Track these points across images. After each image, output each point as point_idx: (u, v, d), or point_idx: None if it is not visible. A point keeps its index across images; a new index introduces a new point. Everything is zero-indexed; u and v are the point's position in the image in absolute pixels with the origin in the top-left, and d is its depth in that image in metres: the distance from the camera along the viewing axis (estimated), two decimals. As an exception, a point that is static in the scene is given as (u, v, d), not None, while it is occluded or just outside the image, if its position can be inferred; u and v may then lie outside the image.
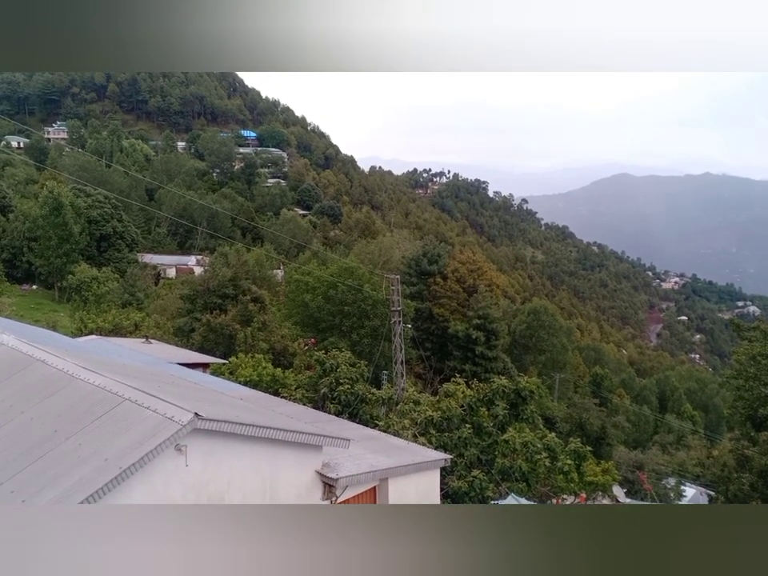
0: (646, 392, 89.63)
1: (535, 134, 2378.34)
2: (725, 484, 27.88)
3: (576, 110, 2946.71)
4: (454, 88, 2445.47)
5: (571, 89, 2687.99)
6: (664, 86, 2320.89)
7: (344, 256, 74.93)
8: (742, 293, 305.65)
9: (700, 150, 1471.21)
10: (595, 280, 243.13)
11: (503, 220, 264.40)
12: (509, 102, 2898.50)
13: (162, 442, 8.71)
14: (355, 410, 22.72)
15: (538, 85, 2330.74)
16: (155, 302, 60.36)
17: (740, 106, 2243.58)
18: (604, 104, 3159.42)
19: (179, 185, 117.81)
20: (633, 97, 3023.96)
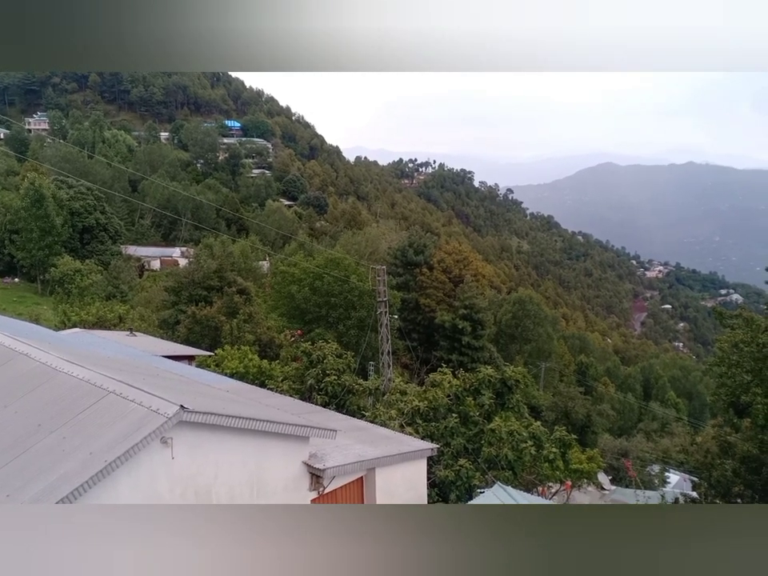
0: (631, 380, 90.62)
1: (520, 125, 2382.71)
2: (708, 470, 28.24)
3: (561, 101, 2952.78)
4: (441, 81, 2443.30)
5: (556, 81, 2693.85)
6: (647, 78, 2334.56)
7: (330, 247, 74.80)
8: (725, 281, 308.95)
9: (683, 140, 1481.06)
10: (580, 269, 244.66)
11: (489, 210, 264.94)
12: (495, 95, 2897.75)
13: (147, 435, 8.67)
14: (342, 401, 22.74)
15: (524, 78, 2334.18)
16: (139, 295, 59.94)
17: (723, 96, 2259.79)
18: (588, 95, 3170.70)
19: (163, 176, 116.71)
20: (616, 88, 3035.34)
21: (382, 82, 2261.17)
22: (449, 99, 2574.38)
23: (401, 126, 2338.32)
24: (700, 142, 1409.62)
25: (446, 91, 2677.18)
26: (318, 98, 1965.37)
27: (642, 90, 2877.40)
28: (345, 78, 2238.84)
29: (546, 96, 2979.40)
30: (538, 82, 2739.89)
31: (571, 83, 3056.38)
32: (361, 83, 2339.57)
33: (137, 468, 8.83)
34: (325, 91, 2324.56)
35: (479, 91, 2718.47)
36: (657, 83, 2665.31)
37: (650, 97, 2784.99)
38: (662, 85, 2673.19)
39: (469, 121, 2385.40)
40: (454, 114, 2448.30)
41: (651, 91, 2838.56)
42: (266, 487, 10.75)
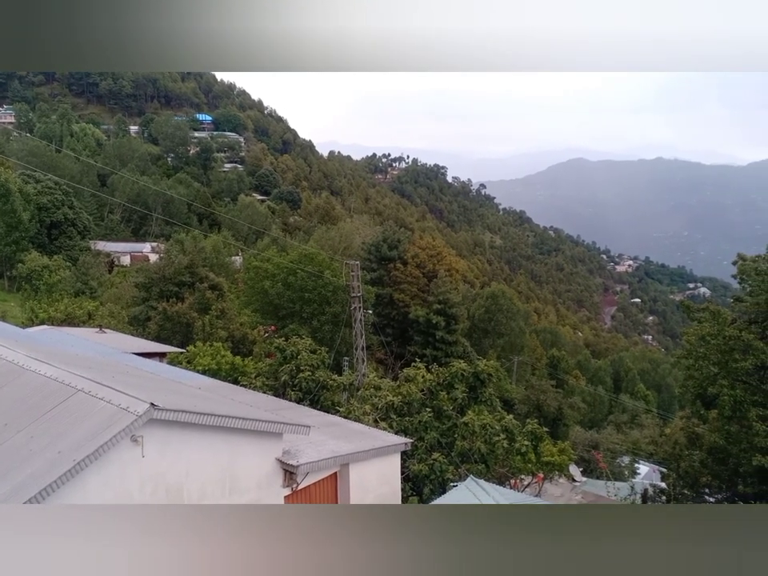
0: (601, 373, 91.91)
1: (493, 122, 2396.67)
2: (676, 461, 28.79)
3: (532, 97, 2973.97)
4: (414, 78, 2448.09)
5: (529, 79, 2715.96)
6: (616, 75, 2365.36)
7: (304, 242, 74.48)
8: (693, 275, 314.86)
9: (652, 136, 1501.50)
10: (552, 264, 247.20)
11: (462, 205, 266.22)
12: (467, 90, 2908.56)
13: (117, 434, 8.59)
14: (316, 397, 22.72)
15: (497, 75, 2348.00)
16: (109, 291, 58.97)
17: (689, 93, 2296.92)
18: (559, 93, 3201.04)
19: (132, 170, 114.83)
20: (586, 86, 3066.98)
21: (355, 78, 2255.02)
22: (422, 96, 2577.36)
23: (374, 121, 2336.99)
24: (669, 138, 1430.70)
25: (420, 88, 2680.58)
26: (291, 92, 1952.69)
27: (611, 88, 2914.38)
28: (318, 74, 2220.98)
29: (517, 93, 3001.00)
30: (511, 80, 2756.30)
31: (543, 81, 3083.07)
32: (334, 78, 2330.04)
33: (106, 467, 8.73)
34: (297, 85, 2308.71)
35: (453, 88, 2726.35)
36: (625, 81, 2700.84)
37: (619, 94, 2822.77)
38: (630, 82, 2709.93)
39: (442, 117, 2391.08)
40: (428, 110, 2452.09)
41: (620, 88, 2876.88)
42: (239, 484, 10.71)
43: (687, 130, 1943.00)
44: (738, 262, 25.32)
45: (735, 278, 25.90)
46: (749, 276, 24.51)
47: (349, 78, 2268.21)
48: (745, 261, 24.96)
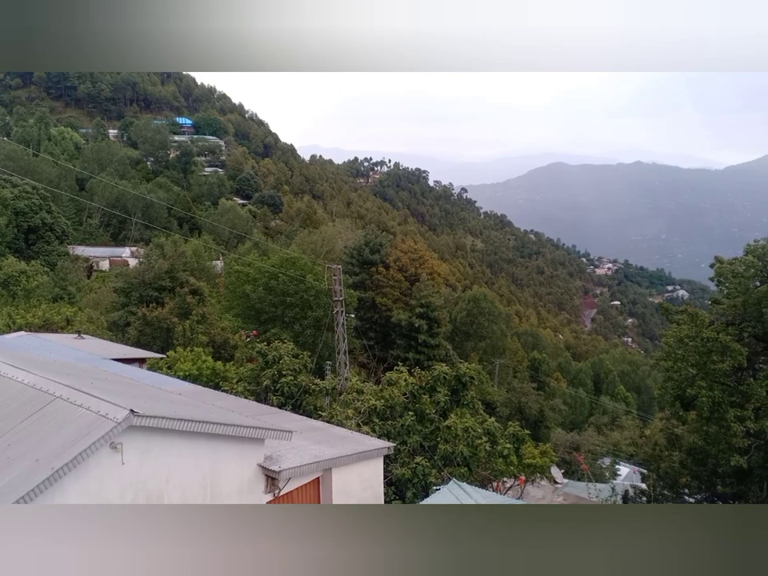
0: (582, 375, 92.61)
1: (474, 126, 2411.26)
2: (656, 462, 29.12)
3: (512, 102, 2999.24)
4: (396, 81, 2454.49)
5: (508, 83, 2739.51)
6: (593, 80, 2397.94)
7: (285, 246, 74.24)
8: (671, 277, 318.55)
9: (631, 140, 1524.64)
10: (532, 267, 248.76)
11: (443, 209, 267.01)
12: (448, 94, 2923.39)
13: (96, 441, 8.49)
14: (298, 402, 22.61)
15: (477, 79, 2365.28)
16: (88, 296, 58.32)
17: (668, 97, 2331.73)
18: (539, 97, 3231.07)
19: (111, 174, 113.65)
20: (565, 90, 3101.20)
21: (336, 81, 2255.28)
22: (404, 99, 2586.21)
23: (356, 124, 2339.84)
24: (647, 142, 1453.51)
25: (401, 91, 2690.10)
26: (272, 96, 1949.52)
27: (589, 92, 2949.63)
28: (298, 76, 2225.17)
29: (496, 97, 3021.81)
30: (491, 83, 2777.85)
31: (522, 84, 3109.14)
32: (315, 81, 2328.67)
33: (85, 474, 8.62)
34: (278, 89, 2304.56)
35: (433, 92, 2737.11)
36: (603, 85, 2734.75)
37: (597, 98, 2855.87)
38: (607, 86, 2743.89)
39: (423, 120, 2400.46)
40: (409, 114, 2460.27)
41: (598, 93, 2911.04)
42: (220, 490, 10.63)
43: (664, 134, 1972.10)
44: (715, 264, 25.68)
45: (713, 281, 26.27)
46: (726, 278, 24.86)
47: (329, 81, 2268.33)
48: (722, 263, 25.31)
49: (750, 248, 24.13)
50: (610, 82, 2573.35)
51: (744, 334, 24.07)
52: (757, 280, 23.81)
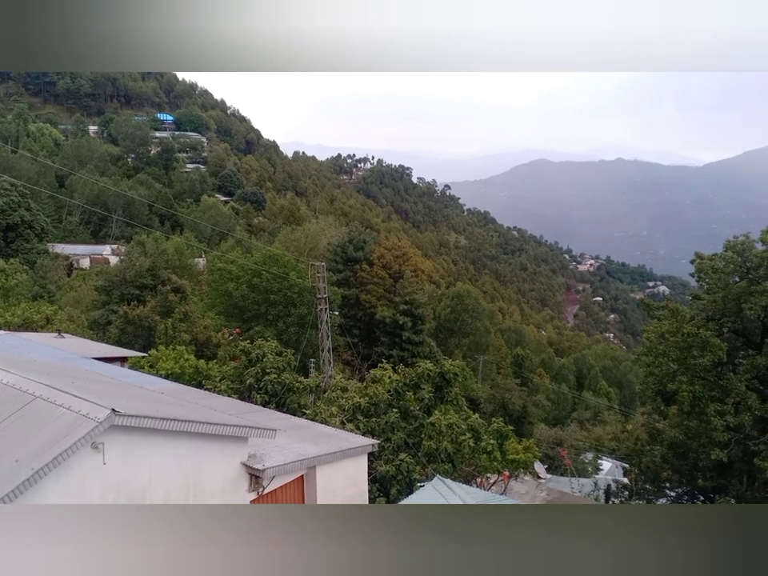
0: (565, 371, 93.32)
1: (456, 123, 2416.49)
2: (638, 457, 29.39)
3: (495, 101, 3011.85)
4: (378, 79, 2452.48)
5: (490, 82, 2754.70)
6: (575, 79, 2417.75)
7: (269, 243, 73.91)
8: (652, 273, 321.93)
9: (612, 137, 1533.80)
10: (516, 264, 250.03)
11: (427, 206, 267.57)
12: (431, 93, 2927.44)
13: (77, 441, 8.40)
14: (282, 400, 22.55)
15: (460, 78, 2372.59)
16: (68, 295, 57.64)
17: (649, 95, 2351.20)
18: (521, 95, 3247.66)
19: (92, 171, 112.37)
20: (547, 88, 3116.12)
21: (319, 79, 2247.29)
22: (387, 97, 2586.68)
23: (339, 121, 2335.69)
24: (628, 139, 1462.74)
25: (385, 90, 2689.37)
26: (254, 92, 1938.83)
27: (571, 90, 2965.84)
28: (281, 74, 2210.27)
29: (479, 95, 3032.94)
30: (474, 82, 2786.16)
31: (504, 83, 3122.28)
32: (298, 79, 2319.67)
33: (66, 475, 8.53)
34: (261, 85, 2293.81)
35: (417, 91, 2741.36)
36: (585, 83, 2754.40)
37: (579, 96, 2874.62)
38: (590, 84, 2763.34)
39: (406, 119, 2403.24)
40: (392, 112, 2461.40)
41: (580, 91, 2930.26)
42: (204, 489, 10.56)
43: (645, 132, 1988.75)
44: (695, 260, 25.95)
45: (693, 277, 26.54)
46: (706, 274, 25.14)
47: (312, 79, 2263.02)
48: (702, 259, 25.58)
49: (729, 244, 24.41)
50: (591, 81, 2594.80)
51: (724, 329, 24.38)
52: (736, 276, 24.10)
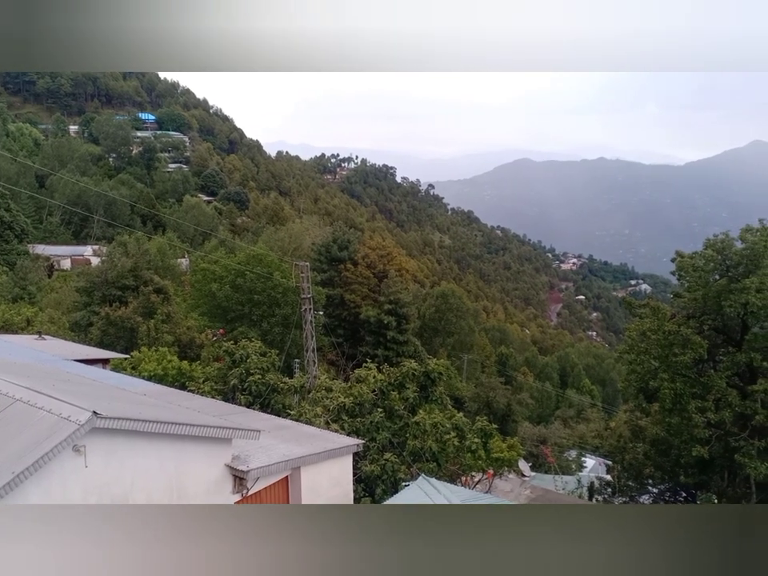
0: (548, 369, 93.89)
1: (441, 123, 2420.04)
2: (621, 454, 29.70)
3: (479, 101, 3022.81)
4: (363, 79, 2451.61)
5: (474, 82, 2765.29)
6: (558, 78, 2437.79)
7: (252, 243, 73.59)
8: (634, 272, 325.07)
9: (594, 137, 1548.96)
10: (499, 263, 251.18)
11: (411, 205, 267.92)
12: (415, 93, 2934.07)
13: (58, 444, 8.31)
14: (267, 401, 22.46)
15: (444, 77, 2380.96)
16: (49, 296, 56.99)
17: (630, 95, 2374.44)
18: (504, 95, 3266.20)
19: (72, 171, 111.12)
20: (529, 88, 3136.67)
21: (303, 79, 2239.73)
22: (371, 97, 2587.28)
23: (322, 121, 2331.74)
24: (609, 138, 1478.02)
25: (369, 89, 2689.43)
26: (237, 92, 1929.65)
27: (553, 90, 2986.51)
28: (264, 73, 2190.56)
29: (464, 95, 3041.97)
30: (458, 82, 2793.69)
31: (487, 83, 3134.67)
32: (281, 79, 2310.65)
33: (47, 478, 8.44)
34: (243, 85, 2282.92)
35: (401, 90, 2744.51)
36: (567, 83, 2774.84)
37: (561, 96, 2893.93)
38: (572, 84, 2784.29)
39: (390, 118, 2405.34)
40: (376, 112, 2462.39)
41: (562, 90, 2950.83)
42: (187, 492, 10.49)
43: (627, 131, 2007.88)
44: (676, 258, 26.23)
45: (674, 275, 26.83)
46: (686, 272, 25.42)
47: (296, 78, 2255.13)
48: (683, 258, 25.87)
49: (709, 242, 24.70)
50: (573, 81, 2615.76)
51: (704, 326, 24.67)
52: (716, 273, 24.39)
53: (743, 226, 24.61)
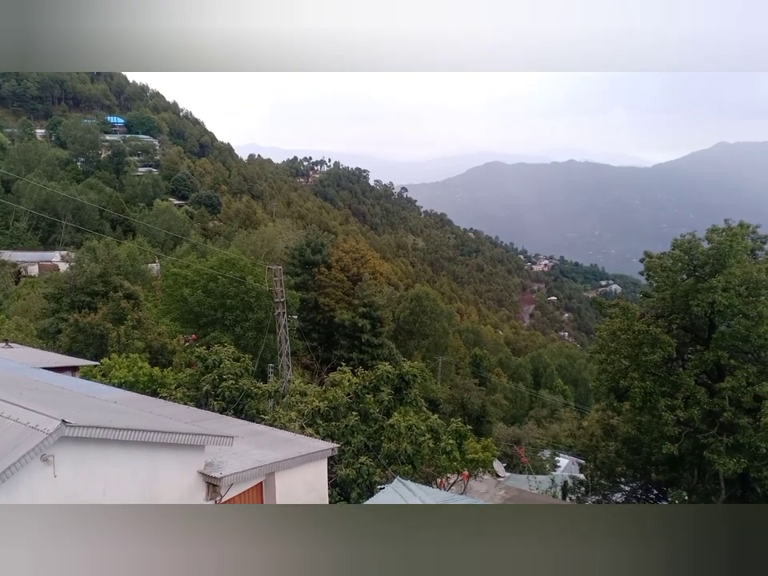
0: (522, 370, 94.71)
1: (413, 125, 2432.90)
2: (593, 452, 30.05)
3: (450, 103, 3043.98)
4: (333, 81, 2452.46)
5: (444, 85, 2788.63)
6: (527, 82, 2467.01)
7: (224, 247, 73.02)
8: (604, 272, 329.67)
9: (564, 139, 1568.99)
10: (472, 265, 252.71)
11: (384, 208, 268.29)
12: (387, 95, 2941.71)
13: (25, 454, 8.15)
14: (240, 406, 22.27)
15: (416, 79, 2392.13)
16: (16, 303, 55.78)
17: (599, 99, 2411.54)
18: (474, 99, 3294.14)
19: (39, 175, 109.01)
20: (500, 92, 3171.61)
21: (274, 81, 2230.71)
22: (342, 99, 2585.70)
23: (294, 124, 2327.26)
24: (579, 141, 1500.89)
25: (339, 91, 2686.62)
26: (207, 94, 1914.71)
27: (523, 93, 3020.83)
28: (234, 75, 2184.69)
29: (436, 98, 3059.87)
30: (429, 84, 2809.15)
31: (458, 85, 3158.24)
32: (252, 80, 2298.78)
33: (15, 489, 8.26)
34: (214, 87, 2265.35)
35: (371, 92, 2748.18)
36: (538, 86, 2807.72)
37: (531, 99, 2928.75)
38: (542, 88, 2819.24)
39: (362, 120, 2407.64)
40: (348, 114, 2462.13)
41: (532, 94, 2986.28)
42: (160, 499, 10.36)
43: (596, 134, 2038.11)
44: (644, 259, 26.63)
45: (643, 275, 27.23)
46: (655, 272, 25.83)
47: (266, 80, 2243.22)
48: (651, 258, 26.28)
49: (677, 243, 25.12)
50: (543, 83, 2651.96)
51: (673, 325, 25.07)
52: (684, 273, 24.80)
53: (709, 226, 25.10)
